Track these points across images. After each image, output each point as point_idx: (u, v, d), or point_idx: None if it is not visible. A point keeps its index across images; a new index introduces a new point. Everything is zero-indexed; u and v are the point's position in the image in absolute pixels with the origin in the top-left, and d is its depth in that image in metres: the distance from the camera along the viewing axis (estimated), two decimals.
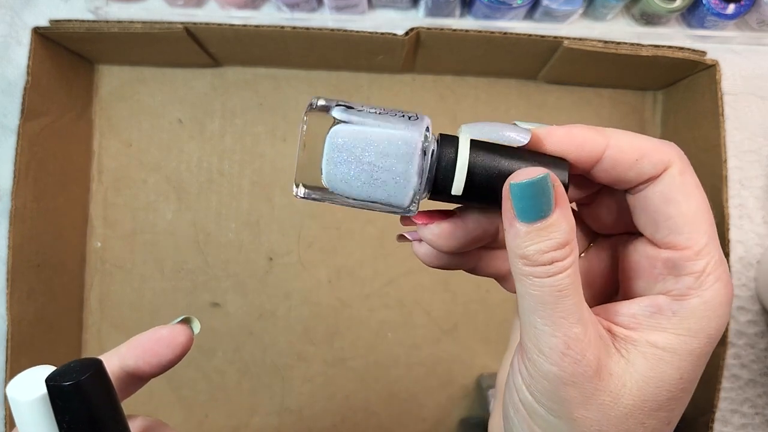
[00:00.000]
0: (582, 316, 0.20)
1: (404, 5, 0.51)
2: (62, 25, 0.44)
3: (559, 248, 0.20)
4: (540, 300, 0.20)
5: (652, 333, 0.21)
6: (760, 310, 0.52)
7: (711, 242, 0.21)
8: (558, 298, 0.19)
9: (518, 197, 0.20)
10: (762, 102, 0.52)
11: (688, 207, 0.21)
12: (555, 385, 0.20)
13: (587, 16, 0.52)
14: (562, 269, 0.20)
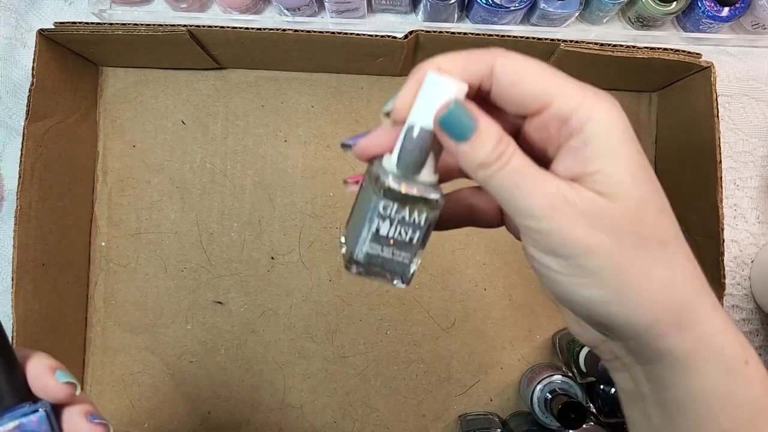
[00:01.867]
0: (544, 175, 0.23)
1: (403, 9, 0.52)
2: (67, 28, 0.44)
3: (499, 143, 0.23)
4: (513, 185, 0.23)
5: (587, 162, 0.24)
6: (754, 309, 0.52)
7: (569, 84, 0.24)
8: (523, 175, 0.23)
9: (450, 126, 0.23)
10: (756, 103, 0.53)
11: (533, 73, 0.24)
12: (563, 234, 0.23)
13: (583, 19, 0.52)
14: (512, 154, 0.23)
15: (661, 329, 0.24)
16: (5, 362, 0.25)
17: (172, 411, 0.52)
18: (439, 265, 0.52)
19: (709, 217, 0.45)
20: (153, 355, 0.52)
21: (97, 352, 0.52)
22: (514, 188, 0.23)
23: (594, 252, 0.23)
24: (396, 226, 0.26)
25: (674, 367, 0.24)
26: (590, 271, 0.23)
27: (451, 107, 0.24)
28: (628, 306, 0.23)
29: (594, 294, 0.24)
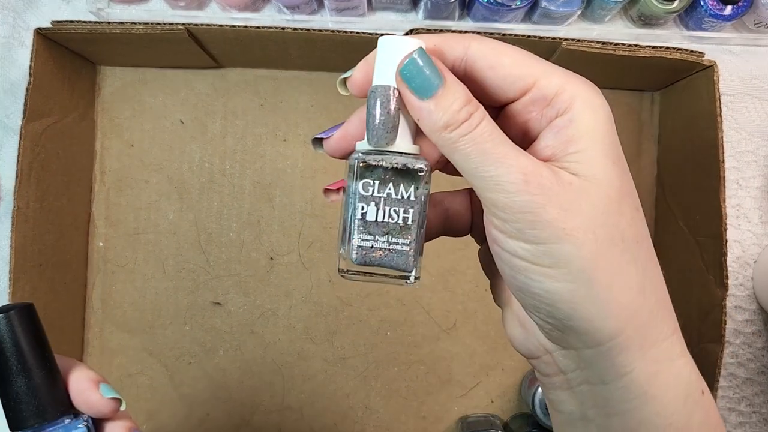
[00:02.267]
0: (515, 147, 0.21)
1: (404, 7, 0.52)
2: (64, 27, 0.44)
3: (468, 103, 0.21)
4: (480, 151, 0.21)
5: (571, 142, 0.22)
6: (757, 310, 0.52)
7: (550, 66, 0.23)
8: (494, 142, 0.21)
9: (412, 77, 0.21)
10: (759, 103, 0.53)
11: (511, 55, 0.23)
12: (536, 213, 0.21)
13: (585, 17, 0.52)
14: (482, 117, 0.21)
15: (624, 341, 0.21)
16: (48, 374, 0.25)
17: (171, 412, 0.52)
18: (440, 265, 0.52)
19: (711, 217, 0.45)
20: (151, 357, 0.52)
21: (94, 353, 0.52)
22: (484, 154, 0.21)
23: (567, 238, 0.21)
24: (383, 207, 0.23)
25: (630, 390, 0.22)
26: (560, 260, 0.21)
27: (413, 55, 0.21)
28: (596, 306, 0.21)
29: (561, 288, 0.21)
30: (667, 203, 0.51)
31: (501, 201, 0.21)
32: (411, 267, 0.23)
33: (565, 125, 0.22)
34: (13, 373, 0.24)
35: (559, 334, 0.23)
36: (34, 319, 0.25)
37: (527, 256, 0.21)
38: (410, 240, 0.23)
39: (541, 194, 0.21)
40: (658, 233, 0.52)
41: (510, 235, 0.22)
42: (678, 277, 0.49)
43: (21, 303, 0.25)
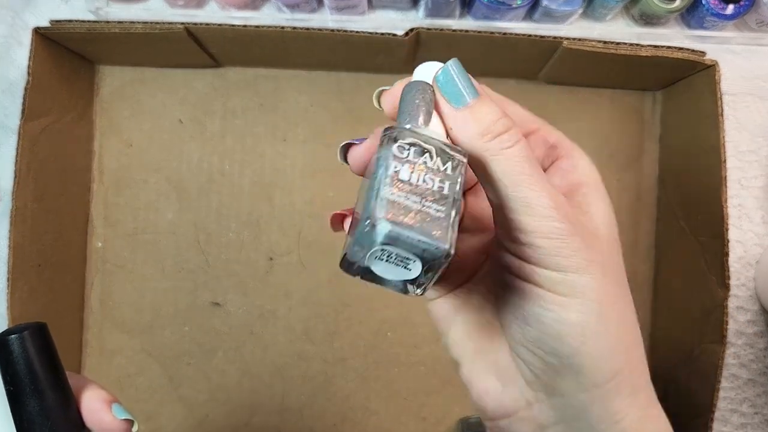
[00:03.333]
0: (546, 177, 0.22)
1: (404, 6, 0.51)
2: (63, 26, 0.44)
3: (504, 116, 0.21)
4: (519, 169, 0.21)
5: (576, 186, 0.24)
6: (759, 310, 0.52)
7: (548, 124, 0.25)
8: (531, 163, 0.21)
9: (446, 83, 0.22)
10: (761, 102, 0.52)
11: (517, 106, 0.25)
12: (562, 240, 0.21)
13: (587, 16, 0.52)
14: (520, 135, 0.21)
15: (619, 384, 0.21)
16: (60, 395, 0.25)
17: (170, 414, 0.52)
18: None
19: (713, 217, 0.44)
20: (150, 357, 0.52)
21: (93, 353, 0.52)
22: (522, 173, 0.21)
23: (588, 269, 0.21)
24: (418, 171, 0.20)
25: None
26: (578, 290, 0.21)
27: (448, 64, 0.22)
28: (605, 341, 0.21)
29: (574, 319, 0.21)
30: (669, 203, 0.51)
31: (530, 224, 0.21)
32: (447, 242, 0.19)
33: (570, 170, 0.24)
34: (26, 394, 0.24)
35: (553, 376, 0.22)
36: (46, 338, 0.25)
37: (544, 283, 0.21)
38: (448, 207, 0.19)
39: (569, 223, 0.21)
40: (660, 233, 0.52)
41: (530, 260, 0.21)
42: (679, 277, 0.49)
43: (33, 323, 0.25)
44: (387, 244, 0.19)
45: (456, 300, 0.27)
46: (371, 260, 0.20)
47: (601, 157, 0.52)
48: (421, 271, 0.20)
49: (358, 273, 0.21)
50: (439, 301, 0.28)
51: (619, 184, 0.52)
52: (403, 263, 0.19)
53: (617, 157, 0.52)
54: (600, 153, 0.52)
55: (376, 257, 0.20)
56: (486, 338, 0.26)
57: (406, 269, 0.20)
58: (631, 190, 0.52)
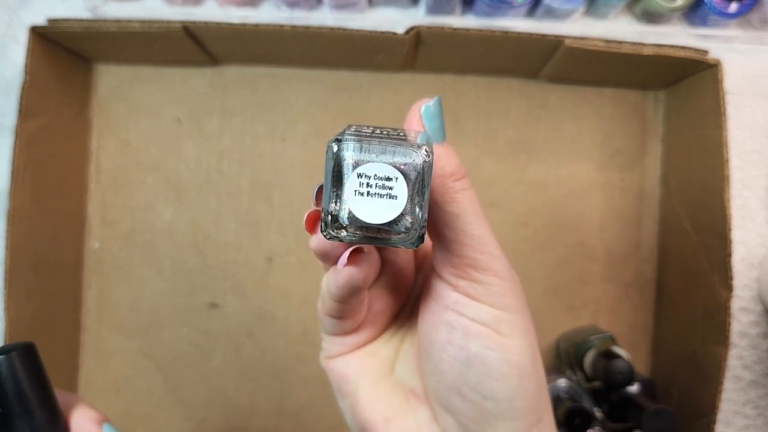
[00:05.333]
0: None
1: (404, 3, 0.51)
2: (60, 24, 0.43)
3: (461, 165, 0.22)
4: (474, 211, 0.22)
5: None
6: (762, 311, 0.51)
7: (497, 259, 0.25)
8: (477, 206, 0.22)
9: (432, 117, 0.22)
10: (765, 101, 0.52)
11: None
12: (509, 281, 0.22)
13: (589, 14, 0.51)
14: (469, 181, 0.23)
15: (529, 421, 0.22)
16: (49, 415, 0.25)
17: (167, 416, 0.51)
18: None
19: (716, 217, 0.44)
20: (147, 359, 0.51)
21: (90, 355, 0.51)
22: (476, 214, 0.22)
23: (523, 311, 0.23)
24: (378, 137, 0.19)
25: None
26: (517, 330, 0.22)
27: (436, 99, 0.23)
28: (532, 384, 0.22)
29: (513, 358, 0.22)
30: (672, 203, 0.50)
31: (483, 261, 0.22)
32: (421, 144, 0.18)
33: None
34: (16, 415, 0.24)
35: (484, 426, 0.22)
36: (35, 358, 0.25)
37: (490, 321, 0.22)
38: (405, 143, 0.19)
39: (507, 266, 0.23)
40: (663, 234, 0.52)
41: (477, 298, 0.22)
42: (682, 278, 0.49)
43: (21, 343, 0.25)
44: (358, 163, 0.18)
45: (364, 357, 0.26)
46: (351, 200, 0.18)
47: (604, 156, 0.52)
48: (408, 194, 0.18)
49: (343, 227, 0.19)
50: (345, 358, 0.26)
51: (622, 183, 0.52)
52: (387, 189, 0.18)
53: (620, 156, 0.52)
54: (602, 152, 0.52)
55: (354, 191, 0.18)
56: (399, 400, 0.25)
57: (390, 198, 0.18)
58: (634, 190, 0.52)
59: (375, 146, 0.18)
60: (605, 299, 0.52)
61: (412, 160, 0.18)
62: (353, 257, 0.22)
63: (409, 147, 0.19)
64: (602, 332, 0.49)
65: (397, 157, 0.19)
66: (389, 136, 0.20)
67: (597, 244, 0.52)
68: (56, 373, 0.49)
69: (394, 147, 0.19)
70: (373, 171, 0.18)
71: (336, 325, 0.25)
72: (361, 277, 0.23)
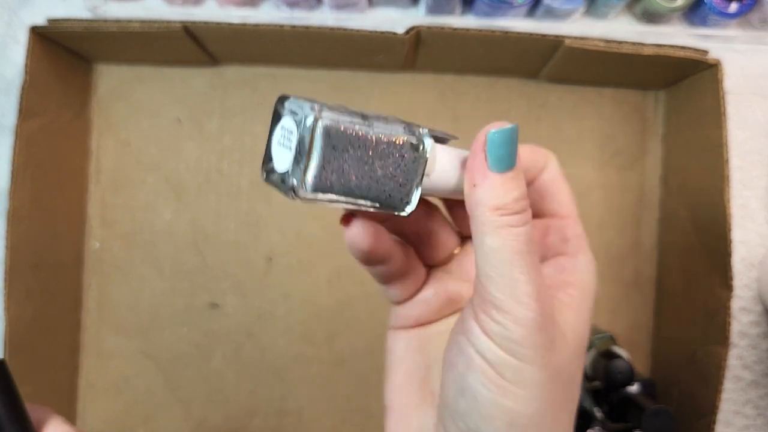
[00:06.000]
0: (540, 267, 0.22)
1: (404, 3, 0.51)
2: (60, 24, 0.43)
3: (524, 198, 0.21)
4: (517, 250, 0.21)
5: (566, 286, 0.24)
6: (762, 311, 0.51)
7: (576, 212, 0.26)
8: (530, 246, 0.21)
9: (496, 145, 0.21)
10: (765, 101, 0.52)
11: (566, 186, 0.26)
12: (530, 331, 0.21)
13: (589, 14, 0.51)
14: (529, 218, 0.21)
15: None
16: (21, 429, 0.24)
17: (167, 416, 0.51)
18: None
19: (716, 217, 0.44)
20: (147, 359, 0.51)
21: (90, 355, 0.51)
22: (518, 254, 0.21)
23: (541, 366, 0.21)
24: None
25: None
26: (524, 381, 0.21)
27: (512, 127, 0.21)
28: (518, 429, 0.21)
29: (508, 405, 0.21)
30: (672, 203, 0.50)
31: (506, 304, 0.21)
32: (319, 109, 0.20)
33: (568, 269, 0.24)
34: None
35: None
36: (5, 375, 0.25)
37: (494, 362, 0.21)
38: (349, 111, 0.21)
39: (543, 318, 0.21)
40: (663, 234, 0.52)
41: (489, 335, 0.21)
42: (682, 278, 0.49)
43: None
44: (280, 100, 0.21)
45: (413, 341, 0.28)
46: (273, 147, 0.21)
47: (604, 156, 0.52)
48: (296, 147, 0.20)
49: (267, 171, 0.22)
50: (400, 334, 0.29)
51: (622, 183, 0.52)
52: (288, 140, 0.21)
53: (620, 156, 0.52)
54: (602, 152, 0.52)
55: (277, 141, 0.21)
56: (420, 396, 0.27)
57: (289, 150, 0.20)
58: (634, 190, 0.52)
59: (304, 104, 0.21)
60: (605, 299, 0.52)
61: (303, 116, 0.20)
62: (345, 219, 0.24)
63: (310, 108, 0.20)
64: (602, 332, 0.49)
65: (298, 114, 0.20)
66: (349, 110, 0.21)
67: (596, 243, 0.52)
68: (56, 373, 0.49)
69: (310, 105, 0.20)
70: (288, 124, 0.21)
71: (384, 291, 0.28)
72: (358, 240, 0.23)
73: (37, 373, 0.47)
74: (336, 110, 0.21)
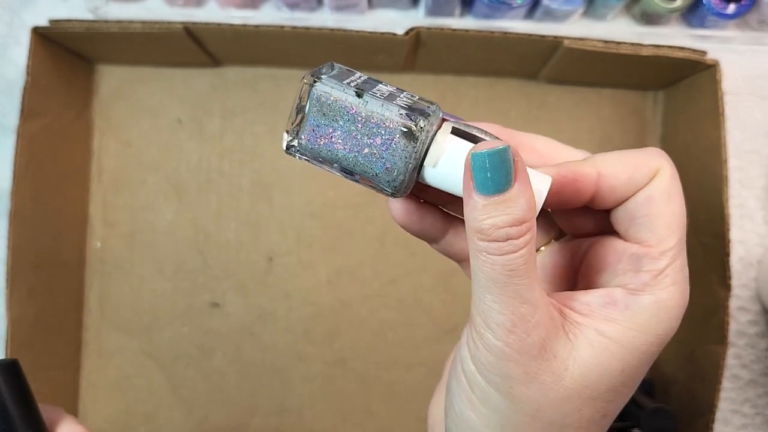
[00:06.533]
0: (532, 297, 0.20)
1: (404, 5, 0.51)
2: (62, 25, 0.44)
3: (515, 225, 0.19)
4: (491, 277, 0.20)
5: (603, 322, 0.21)
6: (760, 311, 0.51)
7: (678, 247, 0.22)
8: (509, 278, 0.20)
9: (478, 168, 0.20)
10: (763, 102, 0.52)
11: (667, 209, 0.22)
12: (499, 360, 0.20)
13: (587, 15, 0.51)
14: (516, 248, 0.20)
15: None
16: (34, 430, 0.25)
17: (168, 415, 0.51)
18: (441, 266, 0.52)
19: (714, 217, 0.44)
20: (149, 359, 0.51)
21: (91, 355, 0.52)
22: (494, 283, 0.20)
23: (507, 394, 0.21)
24: None
25: None
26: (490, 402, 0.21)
27: (497, 149, 0.19)
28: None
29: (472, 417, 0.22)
30: None
31: (480, 327, 0.21)
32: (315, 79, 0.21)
33: (621, 306, 0.21)
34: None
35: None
36: (18, 375, 0.25)
37: (468, 374, 0.22)
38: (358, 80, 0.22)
39: (515, 348, 0.20)
40: None
41: (469, 348, 0.22)
42: None
43: (4, 359, 0.25)
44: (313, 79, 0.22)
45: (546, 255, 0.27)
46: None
47: None
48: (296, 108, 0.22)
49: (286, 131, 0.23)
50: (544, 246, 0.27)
51: None
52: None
53: None
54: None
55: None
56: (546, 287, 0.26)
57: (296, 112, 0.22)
58: None
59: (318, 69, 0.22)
60: None
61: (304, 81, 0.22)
62: None
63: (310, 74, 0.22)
64: None
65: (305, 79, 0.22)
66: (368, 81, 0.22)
67: None
68: (58, 372, 0.49)
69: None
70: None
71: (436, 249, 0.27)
72: (395, 214, 0.24)
73: (39, 372, 0.47)
74: (336, 80, 0.21)
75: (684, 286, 0.22)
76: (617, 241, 0.23)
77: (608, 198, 0.22)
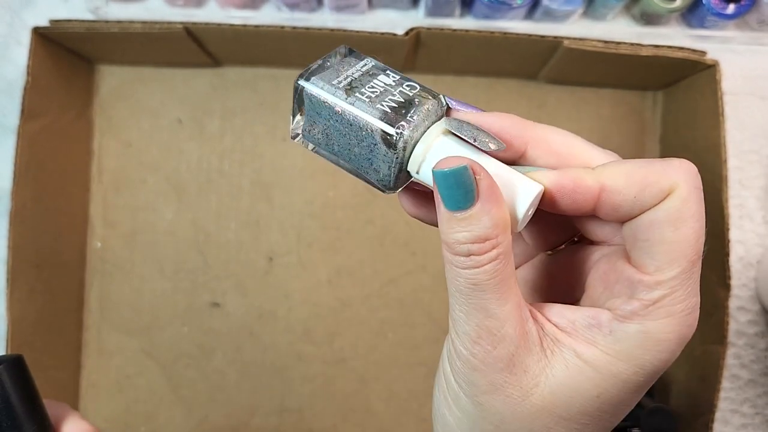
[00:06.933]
0: (499, 311, 0.20)
1: (404, 5, 0.51)
2: (62, 25, 0.44)
3: (477, 242, 0.19)
4: (457, 288, 0.20)
5: (583, 344, 0.20)
6: (760, 311, 0.51)
7: (681, 277, 0.20)
8: (473, 291, 0.20)
9: (440, 185, 0.20)
10: (762, 102, 0.52)
11: (673, 236, 0.19)
12: (465, 367, 0.21)
13: (587, 16, 0.51)
14: (478, 264, 0.19)
15: None
16: (38, 427, 0.25)
17: (169, 415, 0.51)
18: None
19: (714, 217, 0.44)
20: (149, 358, 0.51)
21: (92, 354, 0.52)
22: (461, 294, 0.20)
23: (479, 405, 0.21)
24: None
25: None
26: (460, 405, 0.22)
27: (453, 168, 0.19)
28: None
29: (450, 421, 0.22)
30: None
31: (451, 332, 0.21)
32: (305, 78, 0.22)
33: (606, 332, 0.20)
34: (4, 430, 0.24)
35: None
36: (23, 371, 0.25)
37: (445, 372, 0.22)
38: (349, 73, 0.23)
39: (480, 359, 0.20)
40: None
41: (449, 356, 0.22)
42: None
43: (10, 356, 0.25)
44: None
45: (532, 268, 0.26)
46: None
47: None
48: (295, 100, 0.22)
49: None
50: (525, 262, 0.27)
51: None
52: None
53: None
54: None
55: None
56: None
57: None
58: None
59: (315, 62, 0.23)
60: None
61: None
62: None
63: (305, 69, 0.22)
64: None
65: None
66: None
67: None
68: (58, 372, 0.49)
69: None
70: None
71: None
72: (403, 203, 0.24)
73: (40, 371, 0.47)
74: (327, 79, 0.22)
75: (683, 318, 0.20)
76: (622, 260, 0.21)
77: (611, 215, 0.21)
